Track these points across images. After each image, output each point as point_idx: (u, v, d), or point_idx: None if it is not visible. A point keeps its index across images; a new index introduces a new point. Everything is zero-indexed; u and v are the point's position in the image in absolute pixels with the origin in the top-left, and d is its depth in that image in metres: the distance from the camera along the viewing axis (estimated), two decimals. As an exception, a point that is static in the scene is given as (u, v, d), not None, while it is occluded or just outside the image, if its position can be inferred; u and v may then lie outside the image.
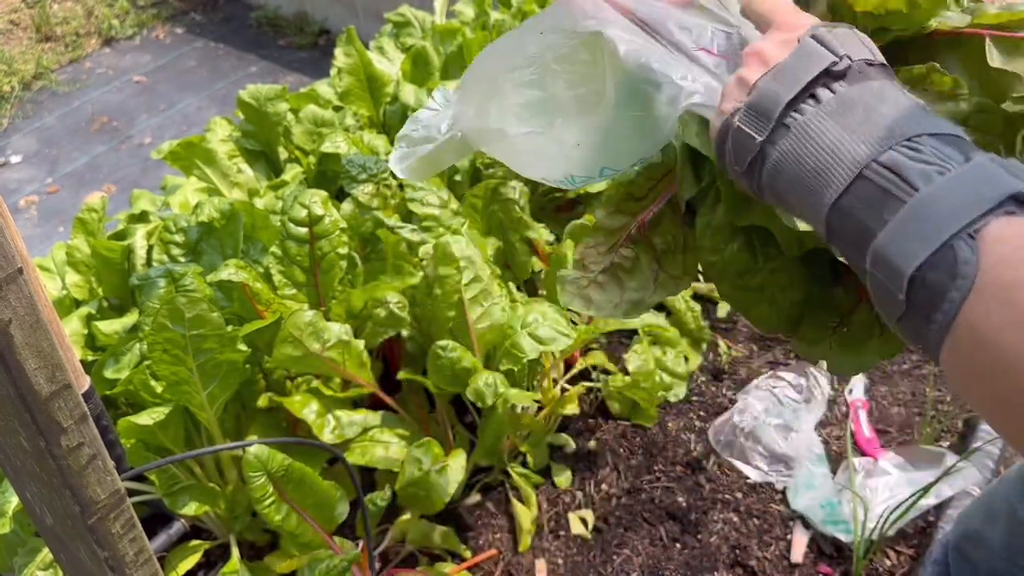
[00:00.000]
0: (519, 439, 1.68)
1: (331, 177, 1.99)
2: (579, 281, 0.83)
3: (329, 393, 1.53)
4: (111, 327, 1.60)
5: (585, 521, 1.64)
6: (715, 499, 1.66)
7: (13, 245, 0.58)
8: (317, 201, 1.56)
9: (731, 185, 0.69)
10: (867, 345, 0.72)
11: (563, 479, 1.70)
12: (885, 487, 1.59)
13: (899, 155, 0.52)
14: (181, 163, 2.09)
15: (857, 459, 1.67)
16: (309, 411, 1.47)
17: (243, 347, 1.41)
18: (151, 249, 1.72)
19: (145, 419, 1.35)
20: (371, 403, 1.64)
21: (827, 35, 0.59)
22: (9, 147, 3.70)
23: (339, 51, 2.26)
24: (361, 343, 1.51)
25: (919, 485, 1.51)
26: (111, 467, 0.72)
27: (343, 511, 1.42)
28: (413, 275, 1.56)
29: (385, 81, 2.25)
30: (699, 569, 1.55)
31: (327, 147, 1.94)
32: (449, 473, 1.45)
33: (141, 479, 1.47)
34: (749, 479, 1.69)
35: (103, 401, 1.30)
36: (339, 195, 1.90)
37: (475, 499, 1.67)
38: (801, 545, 1.57)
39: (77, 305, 1.74)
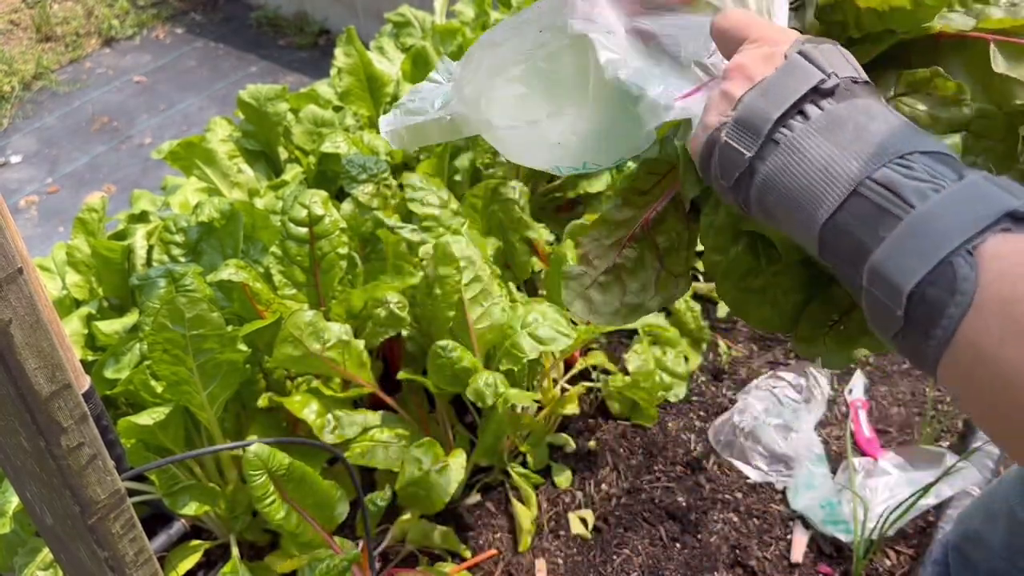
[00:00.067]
0: (519, 439, 1.68)
1: (331, 177, 1.99)
2: (582, 279, 0.83)
3: (329, 393, 1.53)
4: (111, 327, 1.60)
5: (585, 521, 1.64)
6: (715, 499, 1.66)
7: (13, 245, 0.58)
8: (317, 201, 1.56)
9: None
10: (860, 341, 0.72)
11: (563, 479, 1.70)
12: (885, 487, 1.59)
13: (892, 172, 0.52)
14: (181, 163, 2.10)
15: (857, 459, 1.67)
16: (309, 411, 1.48)
17: (243, 347, 1.42)
18: (151, 249, 1.72)
19: (145, 419, 1.35)
20: (371, 403, 1.64)
21: (814, 51, 0.59)
22: (9, 147, 3.71)
23: (339, 51, 2.26)
24: (361, 343, 1.51)
25: (919, 485, 1.51)
26: (111, 467, 0.72)
27: (343, 511, 1.42)
28: (413, 275, 1.56)
29: (385, 81, 2.25)
30: (699, 569, 1.55)
31: (327, 147, 1.94)
32: (449, 473, 1.45)
33: (141, 479, 1.47)
34: (749, 479, 1.69)
35: (103, 401, 1.30)
36: (339, 195, 1.90)
37: (475, 499, 1.67)
38: (801, 545, 1.57)
39: (77, 305, 1.74)
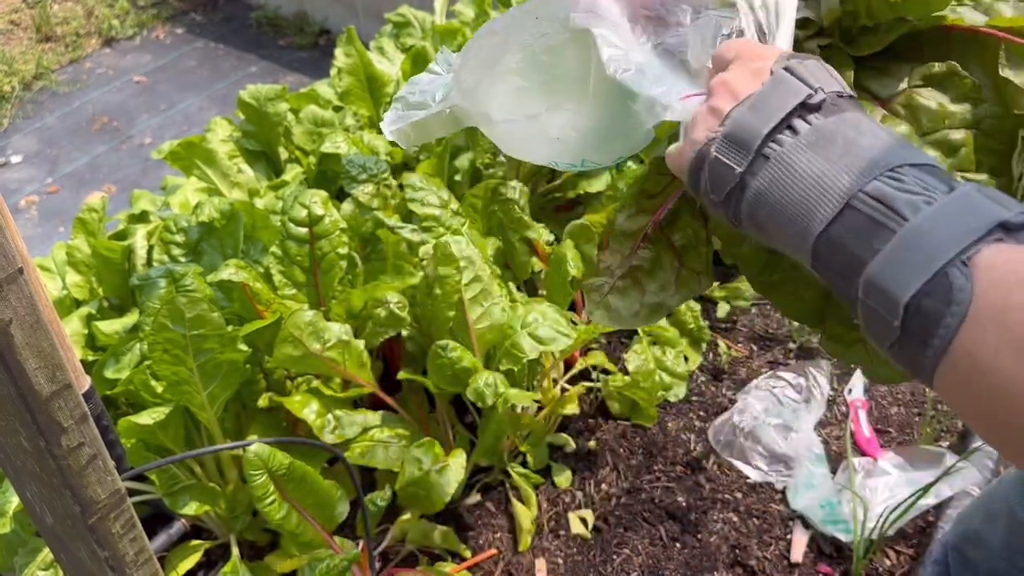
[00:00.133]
0: (519, 439, 1.68)
1: (331, 177, 1.99)
2: (601, 288, 0.82)
3: (329, 393, 1.53)
4: (111, 327, 1.60)
5: (585, 521, 1.64)
6: (715, 499, 1.66)
7: (13, 245, 0.58)
8: (317, 201, 1.56)
9: None
10: None
11: (563, 479, 1.70)
12: (885, 487, 1.59)
13: (884, 185, 0.53)
14: (181, 163, 2.10)
15: (857, 459, 1.67)
16: (309, 411, 1.48)
17: (243, 347, 1.42)
18: (151, 249, 1.72)
19: (145, 419, 1.35)
20: (371, 403, 1.65)
21: (799, 67, 0.60)
22: (9, 147, 3.71)
23: (339, 51, 2.26)
24: (361, 343, 1.51)
25: (919, 485, 1.51)
26: (111, 467, 0.72)
27: (343, 511, 1.42)
28: (413, 275, 1.56)
29: (385, 81, 2.25)
30: (699, 569, 1.55)
31: (327, 147, 1.94)
32: (449, 473, 1.45)
33: (141, 479, 1.47)
34: (749, 479, 1.69)
35: (103, 401, 1.31)
36: (339, 195, 1.90)
37: (475, 499, 1.67)
38: (801, 545, 1.57)
39: (77, 305, 1.74)
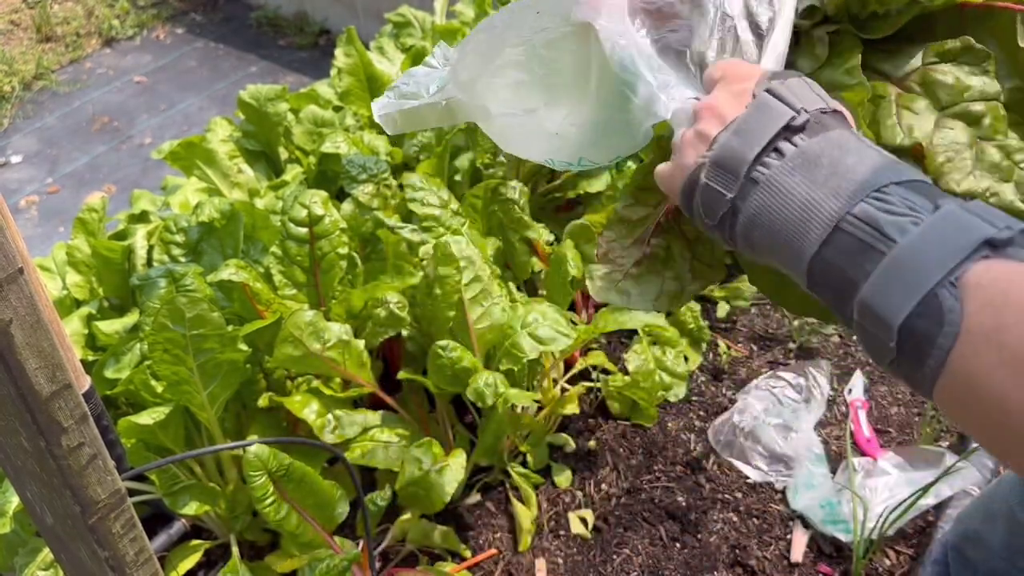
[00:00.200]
0: (519, 439, 1.68)
1: (331, 177, 1.99)
2: (611, 275, 0.81)
3: (329, 393, 1.53)
4: (111, 327, 1.60)
5: (585, 521, 1.64)
6: (715, 499, 1.66)
7: (13, 245, 0.58)
8: (317, 201, 1.56)
9: None
10: None
11: (563, 479, 1.70)
12: (884, 487, 1.59)
13: (870, 208, 0.53)
14: (181, 163, 2.10)
15: (857, 459, 1.67)
16: (309, 411, 1.48)
17: (243, 347, 1.42)
18: (151, 249, 1.72)
19: (145, 419, 1.35)
20: (371, 403, 1.65)
21: (781, 88, 0.60)
22: (10, 147, 3.71)
23: (339, 51, 2.26)
24: (361, 343, 1.51)
25: (918, 485, 1.51)
26: (111, 467, 0.72)
27: (343, 511, 1.42)
28: (413, 275, 1.56)
29: (385, 81, 2.25)
30: (699, 569, 1.55)
31: (327, 147, 1.94)
32: (449, 473, 1.45)
33: (141, 479, 1.47)
34: (749, 479, 1.69)
35: (103, 401, 1.31)
36: (339, 195, 1.90)
37: (475, 499, 1.67)
38: (801, 545, 1.57)
39: (78, 305, 1.74)
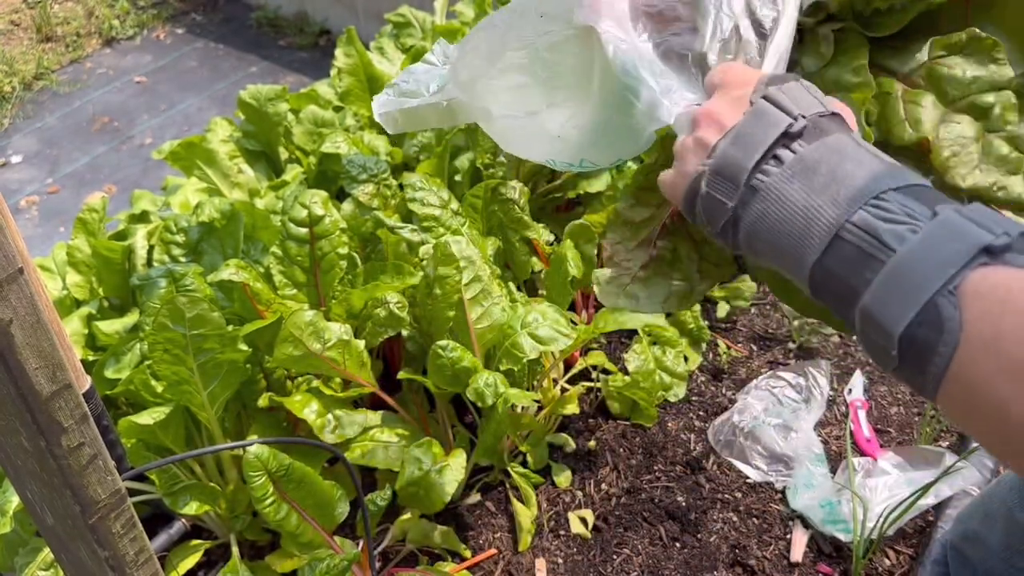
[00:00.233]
0: (519, 439, 1.68)
1: (331, 177, 1.99)
2: (619, 279, 0.81)
3: (329, 393, 1.54)
4: (112, 327, 1.60)
5: (585, 521, 1.64)
6: (715, 499, 1.66)
7: (14, 245, 0.58)
8: (317, 201, 1.56)
9: None
10: None
11: (563, 479, 1.70)
12: (884, 487, 1.59)
13: (869, 215, 0.54)
14: (182, 163, 2.10)
15: (856, 459, 1.67)
16: (309, 411, 1.48)
17: (244, 347, 1.42)
18: (152, 249, 1.72)
19: (146, 419, 1.35)
20: (371, 403, 1.65)
21: (779, 95, 0.60)
22: (10, 147, 3.71)
23: (339, 51, 2.26)
24: (361, 343, 1.51)
25: (918, 485, 1.51)
26: (112, 467, 0.72)
27: (343, 511, 1.42)
28: (413, 275, 1.56)
29: (385, 81, 2.25)
30: (699, 569, 1.55)
31: (327, 147, 1.94)
32: (449, 473, 1.45)
33: (142, 479, 1.47)
34: (749, 479, 1.69)
35: (104, 401, 1.31)
36: (339, 195, 1.90)
37: (475, 499, 1.67)
38: (800, 545, 1.57)
39: (78, 305, 1.74)
